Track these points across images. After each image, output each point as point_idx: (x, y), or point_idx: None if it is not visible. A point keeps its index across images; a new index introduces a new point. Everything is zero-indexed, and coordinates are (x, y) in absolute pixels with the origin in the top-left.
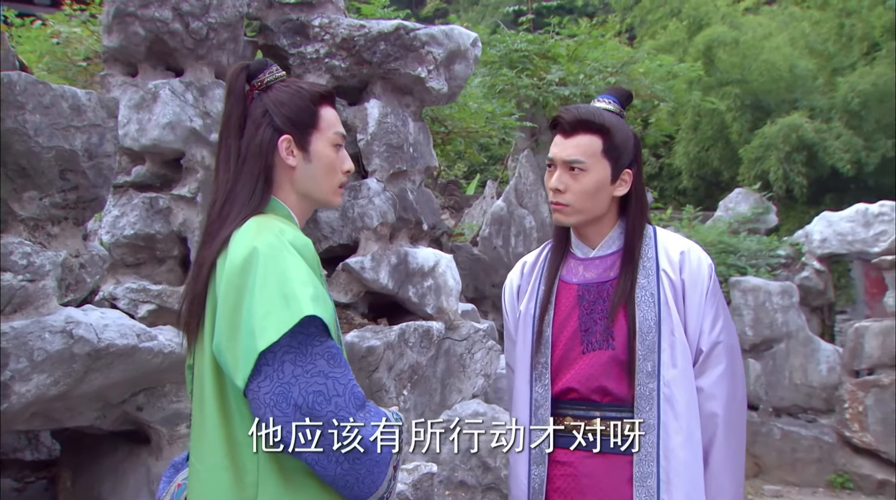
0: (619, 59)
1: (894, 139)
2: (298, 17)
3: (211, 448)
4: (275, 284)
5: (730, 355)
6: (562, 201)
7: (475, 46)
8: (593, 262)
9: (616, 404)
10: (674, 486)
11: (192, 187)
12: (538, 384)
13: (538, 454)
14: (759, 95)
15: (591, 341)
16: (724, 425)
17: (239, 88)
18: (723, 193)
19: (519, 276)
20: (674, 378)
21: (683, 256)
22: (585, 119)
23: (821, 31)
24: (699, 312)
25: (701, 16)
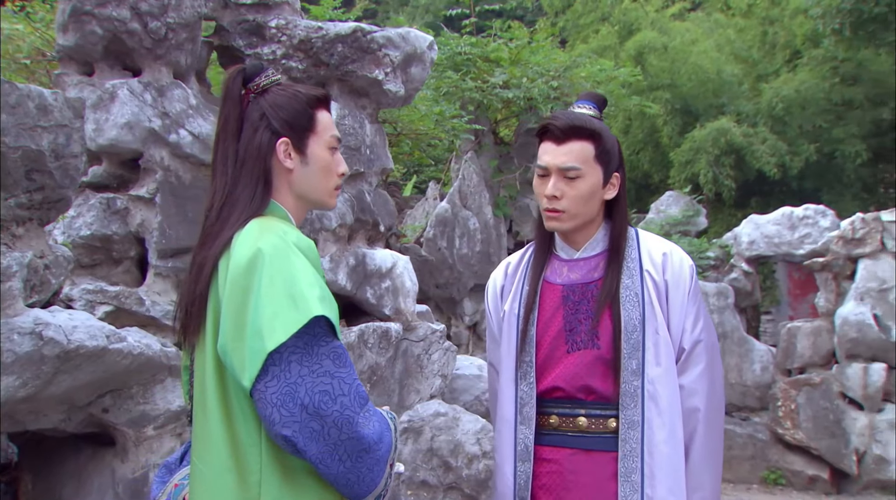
0: (562, 63)
1: (817, 144)
2: (255, 19)
3: (215, 449)
4: (281, 285)
5: (710, 353)
6: (558, 208)
7: (431, 49)
8: (578, 263)
9: (600, 402)
10: (657, 481)
11: (150, 188)
12: (523, 383)
13: (524, 451)
14: (688, 99)
15: (575, 341)
16: (705, 420)
17: (235, 91)
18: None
19: (503, 276)
20: (658, 376)
21: (666, 257)
22: (578, 125)
23: (745, 38)
24: (682, 311)
25: (631, 21)
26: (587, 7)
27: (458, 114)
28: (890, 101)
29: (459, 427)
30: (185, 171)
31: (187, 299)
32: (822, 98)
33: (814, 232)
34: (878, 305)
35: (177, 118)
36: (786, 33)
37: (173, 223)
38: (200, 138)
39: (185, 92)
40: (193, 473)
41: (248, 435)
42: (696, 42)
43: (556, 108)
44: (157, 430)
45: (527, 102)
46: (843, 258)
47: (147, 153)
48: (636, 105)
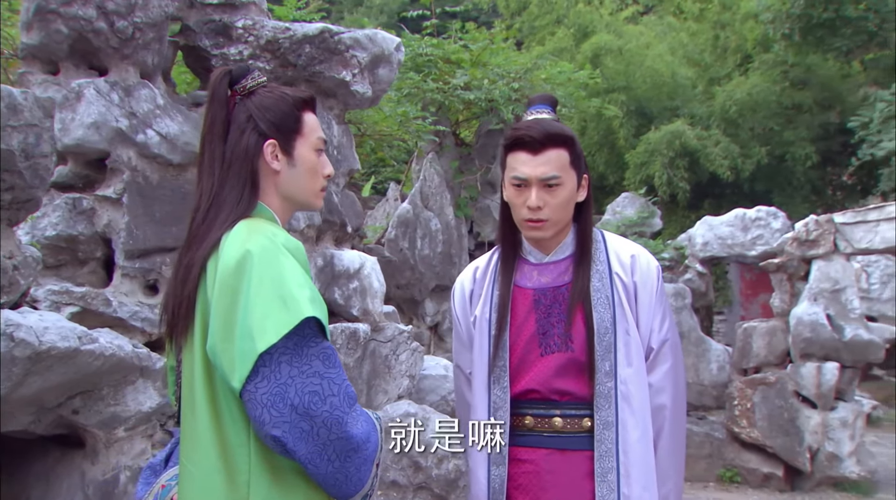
0: (522, 65)
1: (768, 147)
2: (221, 19)
3: (203, 449)
4: (270, 286)
5: (675, 352)
6: (541, 218)
7: (398, 51)
8: (548, 267)
9: (575, 403)
10: (633, 479)
11: (117, 188)
12: (496, 387)
13: (498, 455)
14: (643, 101)
15: (549, 344)
16: (671, 417)
17: (222, 93)
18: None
19: (471, 280)
20: (630, 376)
21: (634, 259)
22: (554, 133)
23: (698, 42)
24: (650, 311)
25: (586, 24)
26: (542, 9)
27: (421, 115)
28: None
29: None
30: (152, 171)
31: (174, 300)
32: (773, 101)
33: (766, 233)
34: (831, 305)
35: (144, 118)
36: (737, 37)
37: (141, 224)
38: (168, 139)
39: (152, 92)
40: (182, 473)
41: (237, 436)
42: (650, 45)
43: (518, 110)
44: (127, 431)
45: (488, 103)
46: (797, 259)
47: (114, 153)
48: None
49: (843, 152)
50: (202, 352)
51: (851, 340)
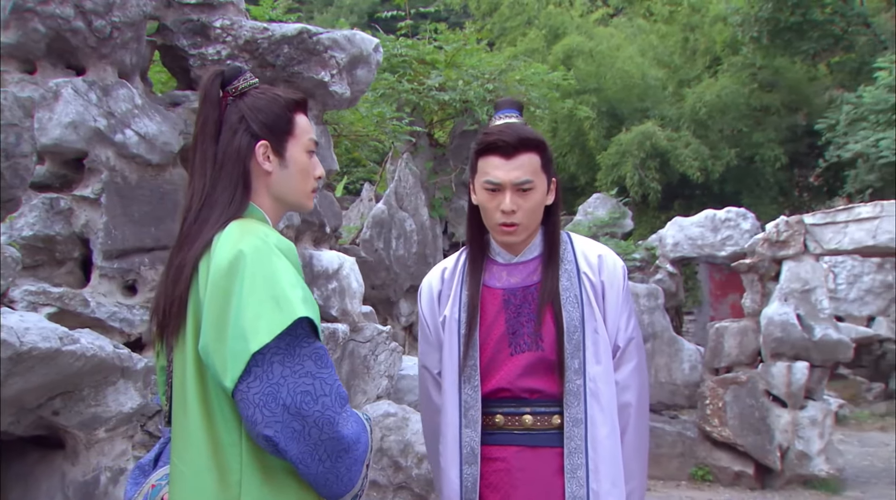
0: (496, 66)
1: (737, 149)
2: (199, 18)
3: (195, 449)
4: (263, 286)
5: (639, 350)
6: (514, 221)
7: (377, 52)
8: (517, 267)
9: (544, 400)
10: (602, 475)
11: (95, 188)
12: (467, 386)
13: (470, 454)
14: (614, 103)
15: (519, 343)
16: (636, 415)
17: (214, 93)
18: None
19: (439, 281)
20: (598, 374)
21: (601, 259)
22: (526, 138)
23: (668, 44)
24: (617, 310)
25: (556, 25)
26: (513, 10)
27: (398, 116)
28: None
29: (409, 427)
30: (130, 171)
31: (166, 300)
32: (741, 103)
33: (735, 234)
34: (802, 305)
35: (122, 118)
36: (706, 40)
37: (119, 224)
38: (146, 138)
39: (130, 92)
40: (173, 473)
41: (229, 435)
42: (621, 47)
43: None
44: (108, 432)
45: (462, 104)
46: (768, 260)
47: (92, 153)
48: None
49: (809, 154)
50: (194, 352)
51: (821, 339)
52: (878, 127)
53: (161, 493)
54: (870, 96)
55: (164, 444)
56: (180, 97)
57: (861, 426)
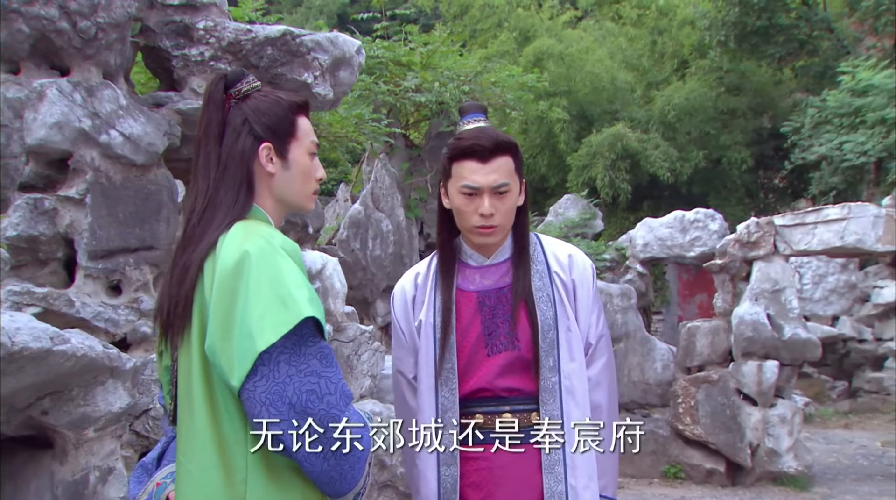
0: (472, 69)
1: (705, 151)
2: (182, 20)
3: (201, 447)
4: (269, 286)
5: (608, 347)
6: (493, 224)
7: (359, 54)
8: (489, 269)
9: (522, 398)
10: (578, 470)
11: (80, 189)
12: (444, 389)
13: (448, 455)
14: (584, 105)
15: (495, 344)
16: (608, 409)
17: (218, 96)
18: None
19: (413, 286)
20: (573, 371)
21: (571, 258)
22: (502, 141)
23: (636, 47)
24: (588, 308)
25: (527, 28)
26: (484, 13)
27: (378, 117)
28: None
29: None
30: (115, 172)
31: (171, 300)
32: (709, 106)
33: (704, 235)
34: (772, 305)
35: (107, 119)
36: (674, 43)
37: (104, 224)
38: (132, 139)
39: (115, 92)
40: (179, 471)
41: (234, 434)
42: (590, 50)
43: None
44: (97, 432)
45: (438, 106)
46: (739, 260)
47: (77, 154)
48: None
49: (775, 156)
50: (200, 351)
51: (790, 339)
52: (842, 130)
53: (166, 491)
54: (834, 100)
55: (167, 442)
56: (163, 98)
57: (825, 423)
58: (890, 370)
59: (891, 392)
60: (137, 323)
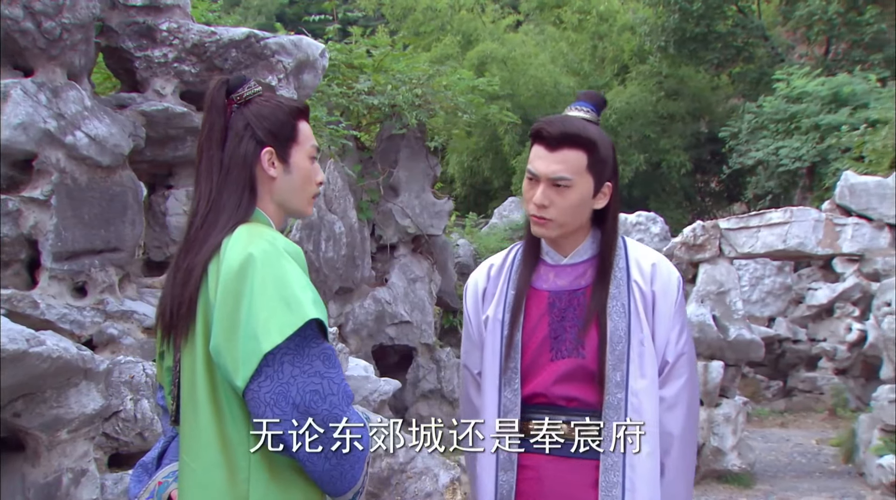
0: (425, 71)
1: (646, 154)
2: (145, 21)
3: (205, 447)
4: (273, 288)
5: (690, 366)
6: (546, 216)
7: (323, 57)
8: (565, 269)
9: (581, 409)
10: (638, 495)
11: (45, 190)
12: (507, 389)
13: (506, 460)
14: (527, 109)
15: (560, 349)
16: (682, 434)
17: (220, 101)
18: (492, 201)
19: (485, 279)
20: (642, 389)
21: (655, 267)
22: (572, 134)
23: (577, 52)
24: (668, 323)
25: (470, 31)
26: (427, 16)
27: (335, 119)
28: (707, 115)
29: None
30: (81, 173)
31: (174, 302)
32: (649, 111)
33: (646, 238)
34: (717, 306)
35: (72, 120)
36: (614, 48)
37: (69, 226)
38: (97, 140)
39: (80, 93)
40: (183, 470)
41: (238, 433)
42: (533, 54)
43: (421, 115)
44: (70, 434)
45: (391, 108)
46: (685, 263)
47: (42, 154)
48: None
49: (712, 160)
50: (204, 352)
51: (735, 339)
52: (778, 135)
53: (168, 490)
54: (770, 106)
55: (167, 442)
56: (127, 99)
57: (762, 422)
58: (823, 370)
59: (824, 392)
60: (104, 325)
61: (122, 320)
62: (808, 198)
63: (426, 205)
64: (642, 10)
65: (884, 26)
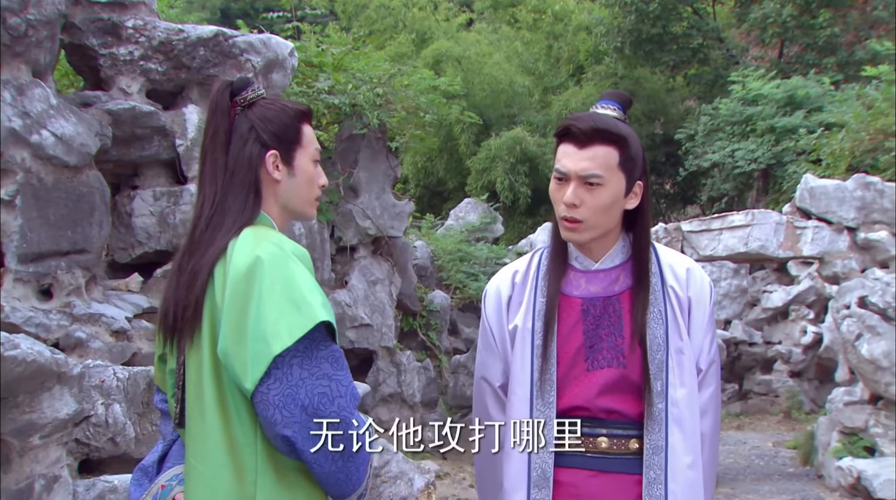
0: (386, 71)
1: None
2: (110, 18)
3: (213, 449)
4: (282, 290)
5: (718, 375)
6: (577, 217)
7: (292, 57)
8: (597, 275)
9: (622, 422)
10: None
11: (9, 190)
12: (540, 402)
13: (540, 477)
14: (482, 108)
15: (596, 358)
16: (710, 441)
17: (224, 104)
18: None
19: (510, 286)
20: (682, 398)
21: (689, 272)
22: (603, 129)
23: (532, 52)
24: (702, 330)
25: (424, 30)
26: (380, 14)
27: None
28: (662, 117)
29: None
30: (47, 173)
31: (178, 304)
32: None
33: None
34: None
35: (38, 118)
36: (570, 48)
37: (35, 227)
38: (63, 140)
39: (45, 91)
40: (190, 473)
41: (245, 435)
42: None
43: (383, 115)
44: (43, 439)
45: (352, 108)
46: None
47: (7, 154)
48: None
49: (666, 162)
50: (211, 355)
51: None
52: (734, 138)
53: (172, 493)
54: (726, 108)
55: (168, 445)
56: (91, 98)
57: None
58: (778, 373)
59: (779, 394)
60: (71, 328)
61: (90, 323)
62: (762, 200)
63: (386, 206)
64: (598, 10)
65: (836, 30)
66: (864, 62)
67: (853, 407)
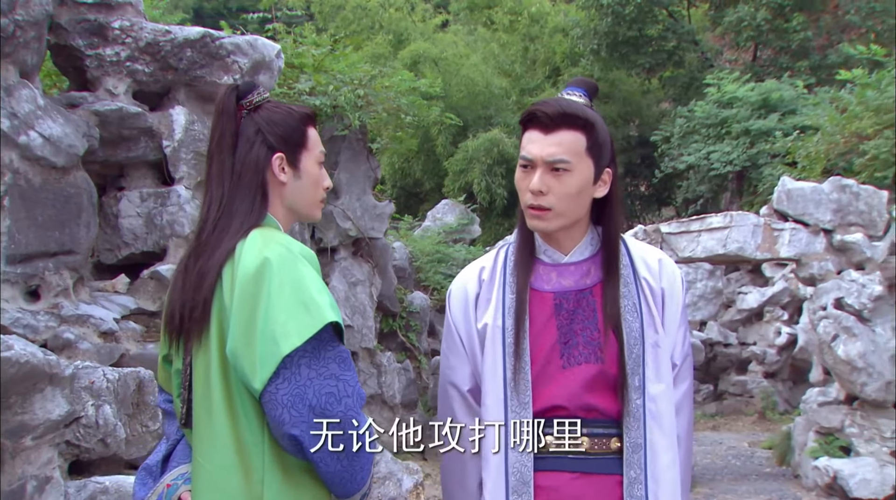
0: (367, 72)
1: None
2: (96, 18)
3: (220, 448)
4: (291, 291)
5: (692, 370)
6: (544, 205)
7: (279, 58)
8: (568, 268)
9: (601, 420)
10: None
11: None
12: (515, 403)
13: (519, 483)
14: (459, 110)
15: (572, 355)
16: (685, 442)
17: (230, 107)
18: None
19: (477, 284)
20: (660, 394)
21: (661, 264)
22: (570, 113)
23: (509, 53)
24: (676, 323)
25: (401, 31)
26: (357, 14)
27: None
28: (637, 119)
29: None
30: (35, 174)
31: (185, 305)
32: None
33: None
34: None
35: (25, 119)
36: (546, 50)
37: (22, 228)
38: (51, 141)
39: (32, 92)
40: (198, 472)
41: (252, 435)
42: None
43: (364, 116)
44: (35, 440)
45: (333, 109)
46: None
47: None
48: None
49: (642, 164)
50: (219, 355)
51: None
52: (709, 140)
53: (178, 492)
54: (701, 111)
55: (173, 445)
56: (78, 99)
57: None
58: (753, 373)
59: (754, 395)
60: (59, 330)
61: (78, 324)
62: (736, 202)
63: (367, 207)
64: (574, 12)
65: (809, 34)
66: (837, 66)
67: (829, 407)
